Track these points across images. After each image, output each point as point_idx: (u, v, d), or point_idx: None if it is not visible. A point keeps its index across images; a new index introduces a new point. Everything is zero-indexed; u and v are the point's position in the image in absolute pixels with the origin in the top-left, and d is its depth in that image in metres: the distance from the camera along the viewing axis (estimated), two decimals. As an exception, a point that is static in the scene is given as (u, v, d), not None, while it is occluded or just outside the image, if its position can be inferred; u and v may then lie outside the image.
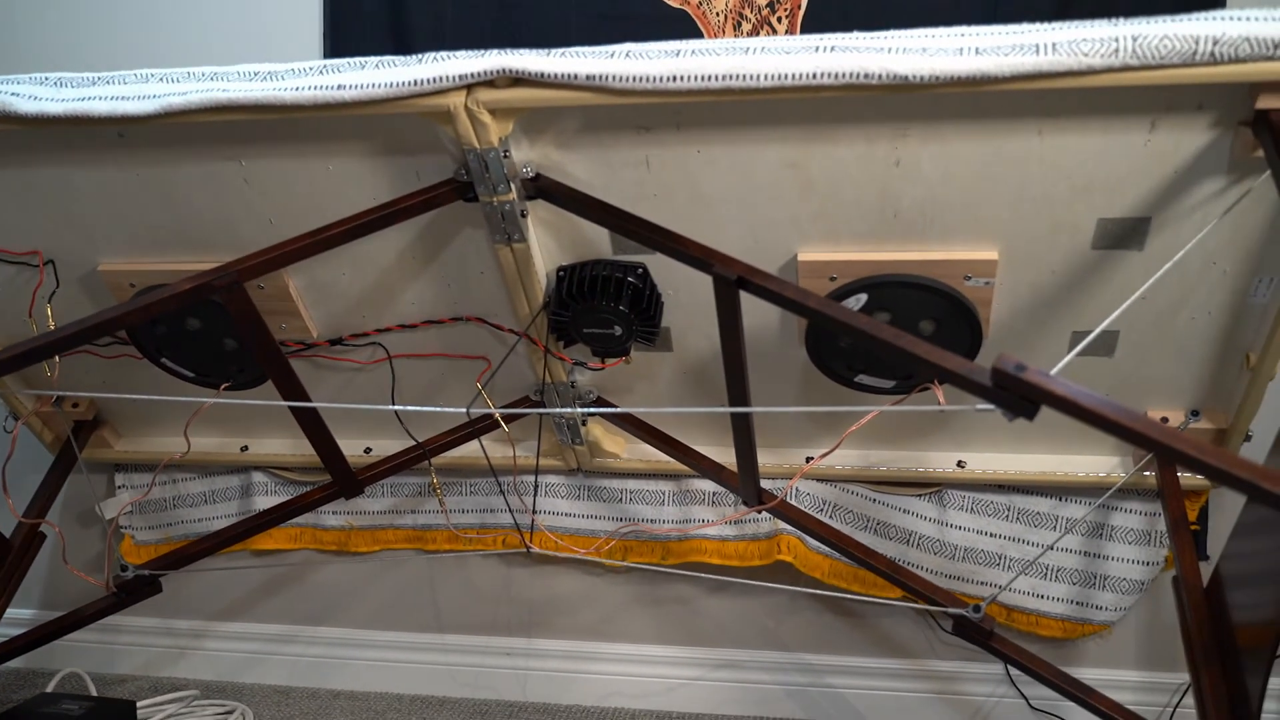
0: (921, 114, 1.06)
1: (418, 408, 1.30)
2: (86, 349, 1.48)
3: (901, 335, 0.93)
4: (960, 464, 1.45)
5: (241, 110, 1.12)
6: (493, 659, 1.80)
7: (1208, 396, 1.31)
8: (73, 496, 1.83)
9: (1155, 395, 1.32)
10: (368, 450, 1.59)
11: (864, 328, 0.95)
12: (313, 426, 1.33)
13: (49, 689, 1.67)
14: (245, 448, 1.65)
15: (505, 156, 1.13)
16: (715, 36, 1.52)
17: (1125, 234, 1.13)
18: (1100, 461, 1.42)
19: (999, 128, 1.06)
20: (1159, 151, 1.05)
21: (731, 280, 1.03)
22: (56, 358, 1.45)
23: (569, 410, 1.43)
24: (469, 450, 1.52)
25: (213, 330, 1.38)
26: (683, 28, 1.52)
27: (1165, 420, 1.33)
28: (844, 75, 0.98)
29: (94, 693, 1.72)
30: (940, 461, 1.46)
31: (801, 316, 1.04)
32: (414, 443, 1.47)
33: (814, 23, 1.49)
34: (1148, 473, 1.38)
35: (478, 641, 1.80)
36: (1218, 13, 0.93)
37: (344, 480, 1.42)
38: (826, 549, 1.52)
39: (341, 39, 1.60)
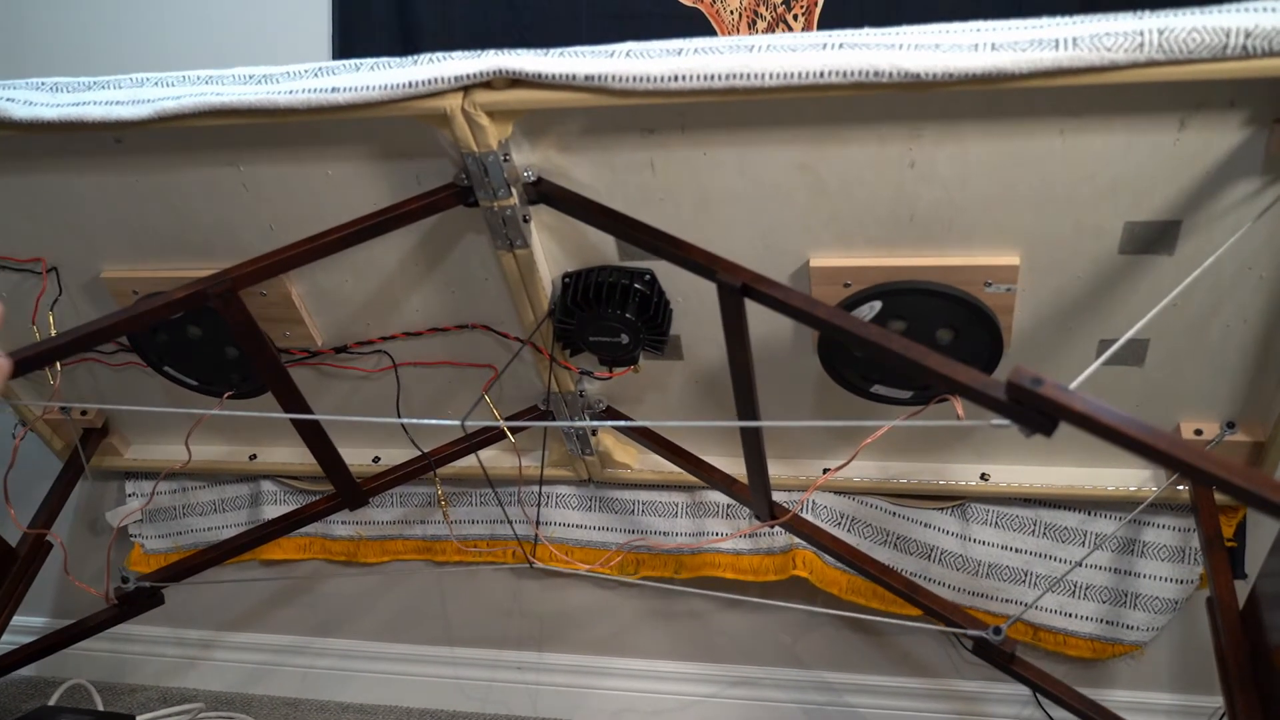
0: (936, 113, 1.01)
1: (414, 420, 1.27)
2: (92, 357, 1.48)
3: (912, 346, 0.89)
4: (984, 477, 1.39)
5: (236, 114, 1.09)
6: (503, 673, 1.77)
7: (1245, 407, 1.25)
8: (86, 504, 1.83)
9: (1189, 406, 1.26)
10: (376, 459, 1.57)
11: (873, 338, 0.90)
12: (314, 437, 1.30)
13: (51, 702, 1.66)
14: (254, 456, 1.64)
15: (505, 160, 1.10)
16: (729, 35, 1.48)
17: (1154, 238, 1.08)
18: (1131, 475, 1.36)
19: (1018, 127, 1.01)
20: (1189, 151, 1.00)
21: (736, 288, 0.99)
22: (59, 366, 1.44)
23: (570, 424, 1.39)
24: (476, 460, 1.50)
25: (214, 338, 1.36)
26: (696, 27, 1.49)
27: (1199, 433, 1.27)
28: (853, 74, 0.94)
29: (100, 704, 1.71)
30: (963, 474, 1.40)
31: (809, 326, 1.00)
32: (420, 453, 1.44)
33: (832, 20, 1.44)
34: (1181, 487, 1.32)
35: (488, 655, 1.78)
36: (1249, 4, 0.88)
37: (347, 491, 1.39)
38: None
39: (350, 42, 1.58)
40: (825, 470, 1.41)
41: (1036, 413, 0.81)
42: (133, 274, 1.35)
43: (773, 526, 1.31)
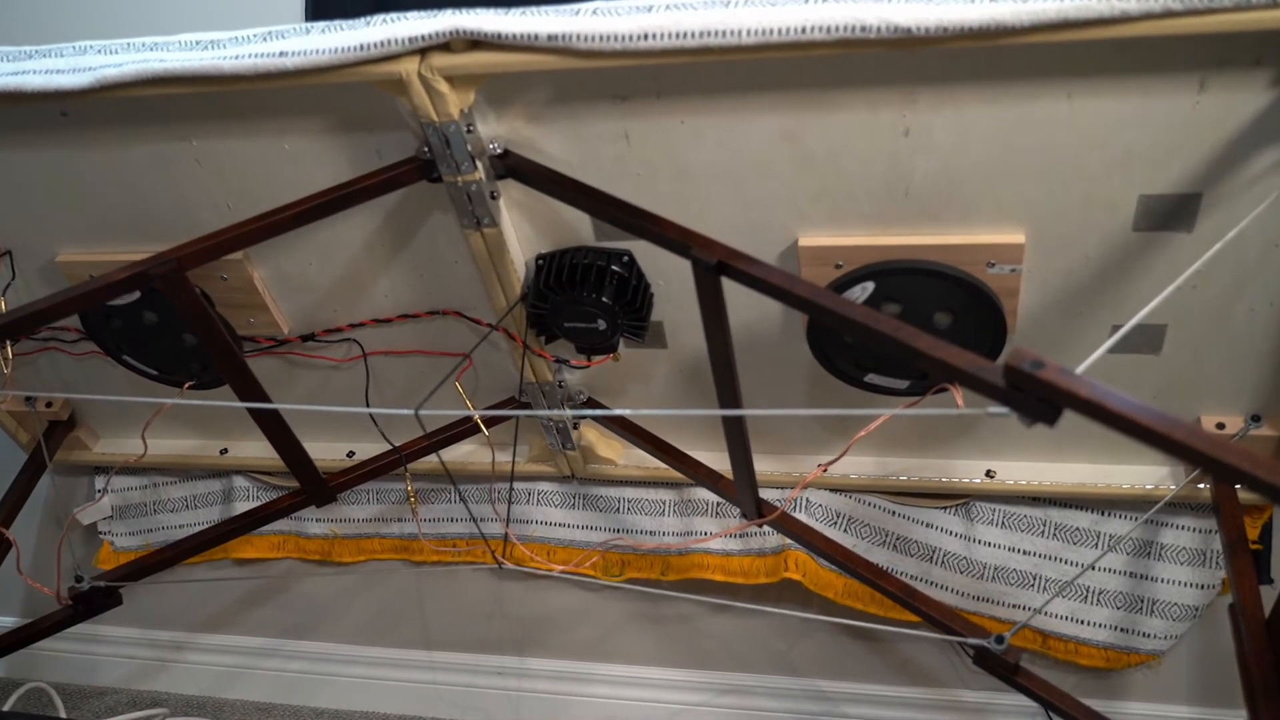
0: (931, 75, 0.93)
1: (370, 409, 1.19)
2: (53, 345, 1.42)
3: (901, 327, 0.81)
4: (989, 473, 1.31)
5: (180, 82, 1.02)
6: (483, 678, 1.71)
7: (1271, 399, 1.16)
8: (56, 499, 1.77)
9: (1210, 398, 1.18)
10: (350, 454, 1.50)
11: (857, 318, 0.82)
12: (275, 428, 1.23)
13: (6, 707, 1.60)
14: (225, 451, 1.57)
15: (469, 131, 1.03)
16: None
17: (1171, 213, 0.99)
18: (1147, 472, 1.28)
19: (1021, 90, 0.92)
20: (1209, 116, 0.91)
21: (711, 265, 0.91)
22: (10, 354, 1.37)
23: (544, 413, 1.32)
24: (456, 455, 1.43)
25: (171, 325, 1.29)
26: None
27: (1221, 426, 1.18)
28: (837, 29, 0.86)
29: (60, 707, 1.65)
30: (967, 470, 1.32)
31: (790, 306, 0.92)
32: (390, 447, 1.36)
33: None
34: (1201, 485, 1.24)
35: (467, 659, 1.71)
36: (1279, -55, 0.79)
37: (313, 487, 1.32)
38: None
39: (323, 9, 1.51)
40: (820, 466, 1.33)
41: (1037, 399, 0.73)
42: (89, 258, 1.28)
43: (760, 525, 1.23)
